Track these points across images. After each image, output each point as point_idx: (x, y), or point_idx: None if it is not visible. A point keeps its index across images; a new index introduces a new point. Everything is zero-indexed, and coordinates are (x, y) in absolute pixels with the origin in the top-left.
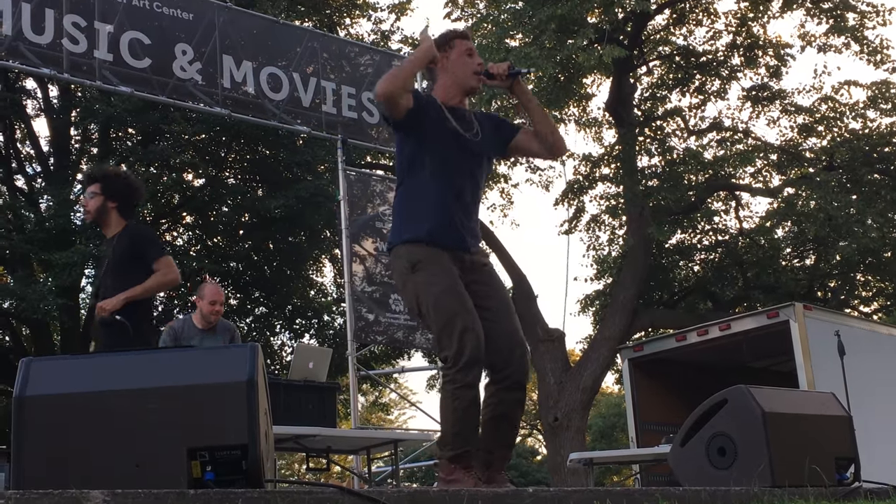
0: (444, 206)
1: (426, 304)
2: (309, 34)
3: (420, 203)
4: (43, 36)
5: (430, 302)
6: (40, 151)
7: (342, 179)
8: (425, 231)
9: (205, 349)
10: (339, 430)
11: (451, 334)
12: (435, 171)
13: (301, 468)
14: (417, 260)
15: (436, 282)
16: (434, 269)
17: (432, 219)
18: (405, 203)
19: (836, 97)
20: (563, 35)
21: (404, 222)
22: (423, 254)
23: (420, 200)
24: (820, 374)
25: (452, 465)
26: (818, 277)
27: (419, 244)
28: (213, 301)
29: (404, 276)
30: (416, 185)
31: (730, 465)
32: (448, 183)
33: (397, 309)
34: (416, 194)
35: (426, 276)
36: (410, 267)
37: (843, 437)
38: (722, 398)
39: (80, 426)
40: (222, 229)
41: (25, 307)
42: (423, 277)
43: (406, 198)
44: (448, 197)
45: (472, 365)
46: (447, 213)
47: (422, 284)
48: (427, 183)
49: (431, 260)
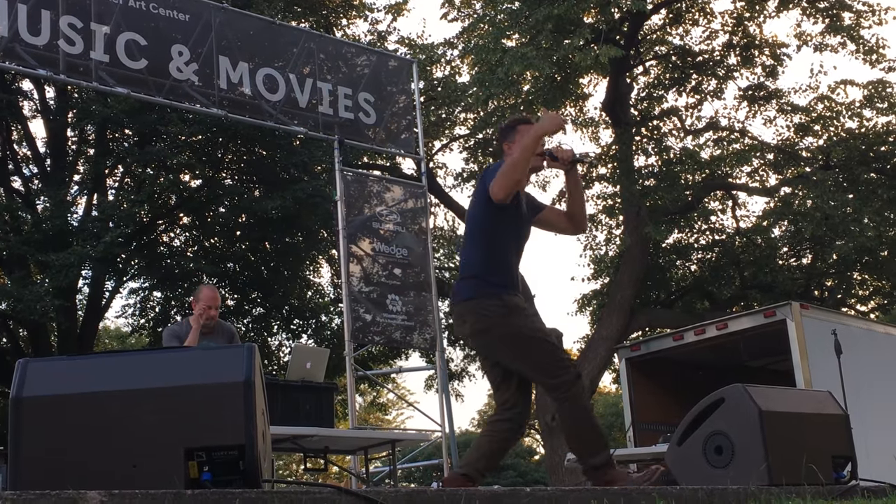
0: (512, 265)
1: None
2: (305, 35)
3: (504, 264)
4: (39, 37)
5: (538, 337)
6: (37, 153)
7: (339, 180)
8: (506, 284)
9: (202, 349)
10: (337, 430)
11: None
12: (508, 240)
13: (299, 468)
14: (514, 306)
15: (533, 322)
16: (526, 313)
17: (507, 275)
18: (492, 264)
19: (832, 96)
20: (560, 35)
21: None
22: (513, 301)
23: (503, 262)
24: (817, 372)
25: (605, 469)
26: (815, 276)
27: (507, 295)
28: (209, 305)
29: (496, 318)
30: (495, 249)
31: (727, 463)
32: (515, 248)
33: (394, 309)
34: (500, 258)
35: (523, 319)
36: (508, 311)
37: (840, 436)
38: (719, 397)
39: (77, 427)
40: (219, 230)
41: (22, 308)
42: (521, 320)
43: (486, 257)
44: (514, 259)
45: (585, 388)
46: (513, 271)
47: (526, 325)
48: (504, 248)
49: (520, 306)
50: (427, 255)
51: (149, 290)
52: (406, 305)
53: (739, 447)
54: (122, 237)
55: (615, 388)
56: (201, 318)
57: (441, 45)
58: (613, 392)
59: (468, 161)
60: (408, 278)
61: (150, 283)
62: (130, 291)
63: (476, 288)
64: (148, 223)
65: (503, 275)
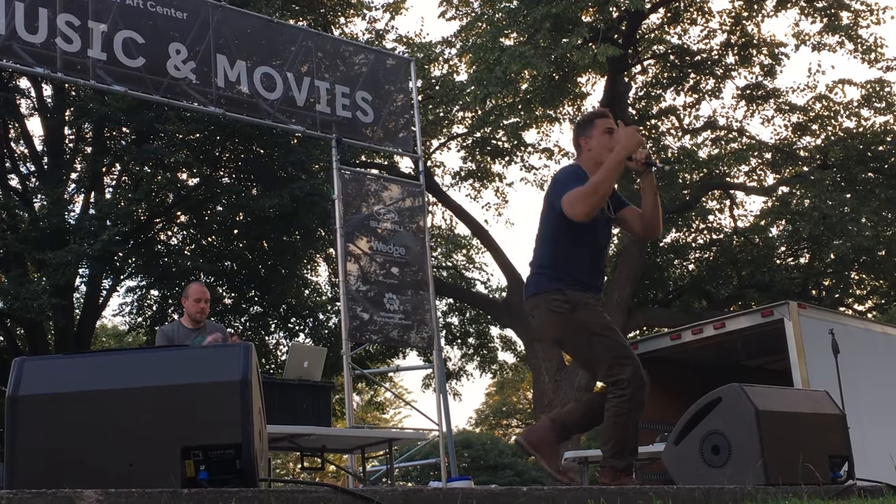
0: (583, 262)
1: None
2: (303, 33)
3: (574, 262)
4: (37, 35)
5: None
6: (34, 151)
7: (336, 179)
8: (573, 279)
9: (199, 348)
10: (334, 429)
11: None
12: (580, 239)
13: (296, 467)
14: (578, 301)
15: (596, 317)
16: (591, 308)
17: (575, 270)
18: (560, 261)
19: (830, 96)
20: (558, 34)
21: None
22: (576, 296)
23: (574, 260)
24: (814, 372)
25: (622, 473)
26: (812, 276)
27: (571, 290)
28: (198, 299)
29: (560, 313)
30: (570, 248)
31: (724, 463)
32: (592, 248)
33: (392, 308)
34: (570, 255)
35: (586, 313)
36: (571, 306)
37: (837, 436)
38: (716, 396)
39: (74, 426)
40: (217, 228)
41: (19, 306)
42: (583, 315)
43: (553, 254)
44: (588, 256)
45: (643, 387)
46: (584, 267)
47: (587, 321)
48: (575, 245)
49: (585, 301)
50: (425, 254)
51: (146, 289)
52: (403, 304)
53: (736, 446)
54: (119, 235)
55: None
56: (196, 313)
57: (439, 44)
58: None
59: (466, 160)
60: (405, 277)
61: (148, 281)
62: (128, 290)
63: (541, 283)
64: (145, 221)
65: (570, 270)
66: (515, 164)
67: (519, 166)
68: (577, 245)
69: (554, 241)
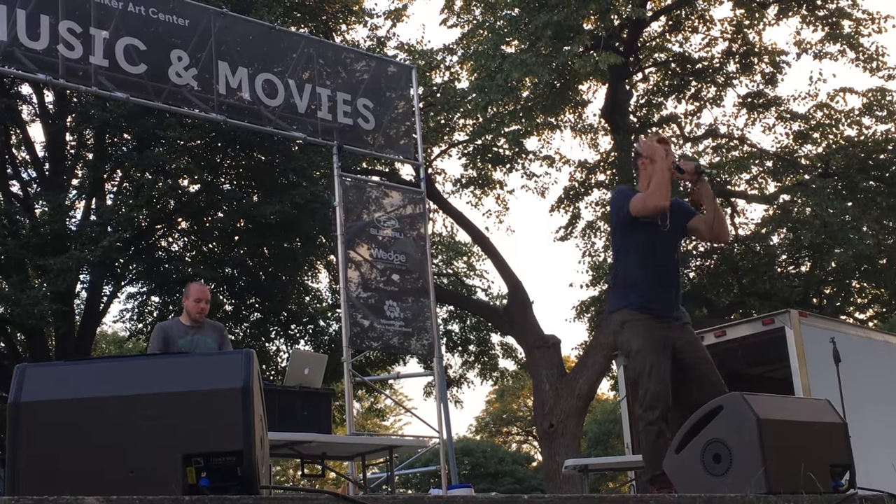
0: (648, 279)
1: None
2: (305, 40)
3: (633, 278)
4: (38, 42)
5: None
6: (35, 157)
7: (337, 185)
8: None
9: (200, 354)
10: (335, 436)
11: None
12: (646, 255)
13: (296, 474)
14: (631, 319)
15: (643, 337)
16: (642, 326)
17: (639, 289)
18: (620, 277)
19: (831, 104)
20: (559, 42)
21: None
22: (632, 315)
23: (633, 276)
24: (815, 380)
25: (651, 485)
26: (814, 284)
27: (629, 309)
28: (199, 299)
29: (618, 330)
30: (631, 265)
31: (725, 471)
32: (652, 263)
33: (392, 315)
34: (629, 272)
35: (633, 332)
36: (626, 324)
37: (839, 444)
38: (717, 405)
39: (75, 432)
40: (217, 235)
41: (20, 312)
42: (631, 333)
43: (621, 273)
44: (654, 273)
45: (653, 406)
46: (649, 284)
47: (631, 338)
48: (640, 263)
49: (636, 318)
50: (425, 262)
51: (147, 295)
52: (404, 311)
53: (737, 455)
54: (120, 242)
55: (613, 395)
56: (196, 313)
57: (440, 51)
58: (611, 399)
59: (467, 167)
60: (406, 284)
61: (148, 287)
62: (128, 296)
63: (612, 301)
64: (146, 228)
65: (634, 290)
66: (516, 171)
67: (520, 174)
68: (641, 262)
69: (621, 259)
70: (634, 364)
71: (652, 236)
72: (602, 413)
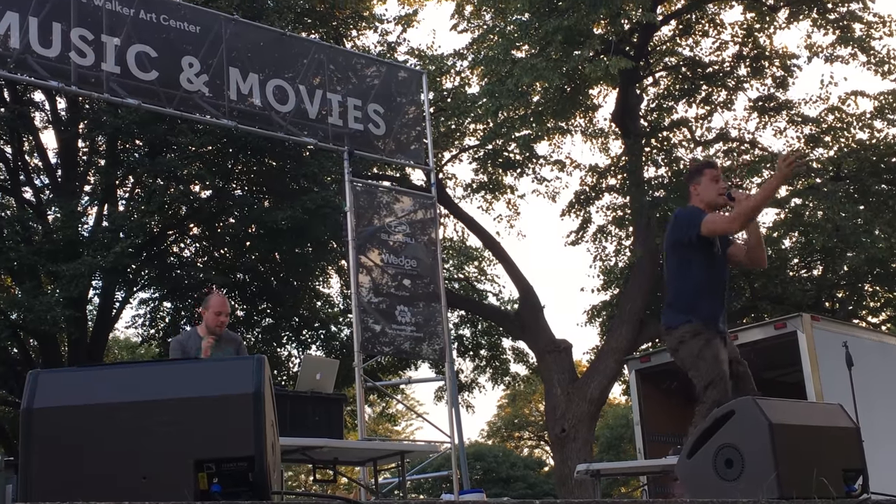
0: (702, 296)
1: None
2: (315, 46)
3: (688, 294)
4: (51, 49)
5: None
6: (48, 163)
7: (348, 191)
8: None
9: (211, 360)
10: (346, 441)
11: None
12: (701, 275)
13: (308, 479)
14: (692, 331)
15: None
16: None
17: (694, 304)
18: (676, 294)
19: (842, 107)
20: (570, 46)
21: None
22: (692, 328)
23: (688, 292)
24: (828, 385)
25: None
26: (826, 288)
27: (687, 323)
28: (219, 312)
29: (679, 343)
30: (686, 283)
31: (737, 476)
32: (712, 281)
33: (403, 320)
34: (685, 289)
35: (695, 344)
36: (687, 337)
37: (851, 449)
38: (729, 409)
39: (88, 438)
40: (229, 241)
41: (33, 319)
42: (694, 345)
43: (677, 290)
44: (707, 290)
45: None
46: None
47: (693, 348)
48: (695, 281)
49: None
50: (436, 266)
51: (159, 301)
52: (415, 316)
53: (749, 460)
54: (132, 248)
55: (625, 399)
56: (215, 327)
57: (451, 57)
58: (623, 404)
59: (478, 172)
60: (417, 289)
61: (160, 293)
62: (140, 302)
63: (667, 316)
64: (158, 234)
65: (698, 304)
66: (527, 175)
67: (531, 178)
68: (696, 280)
69: (677, 278)
70: (702, 373)
71: (712, 256)
72: (614, 418)
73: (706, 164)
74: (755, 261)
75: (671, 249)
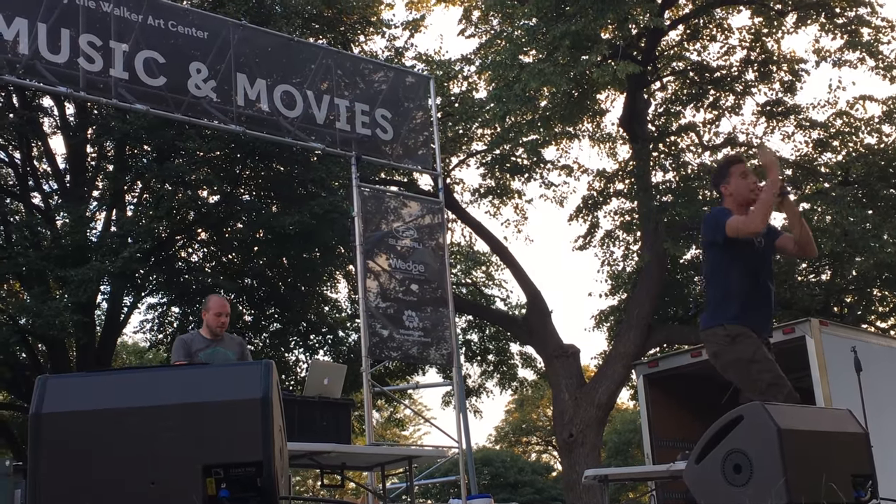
0: (744, 297)
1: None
2: (323, 51)
3: (730, 296)
4: (59, 55)
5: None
6: (57, 169)
7: (356, 196)
8: (735, 314)
9: (219, 366)
10: (354, 446)
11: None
12: (741, 275)
13: (316, 484)
14: (736, 334)
15: (754, 350)
16: (749, 341)
17: (736, 306)
18: (716, 295)
19: (851, 112)
20: (577, 51)
21: (717, 308)
22: (736, 330)
23: (730, 294)
24: (836, 390)
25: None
26: (834, 293)
27: (731, 324)
28: (219, 312)
29: (722, 346)
30: (727, 284)
31: (746, 482)
32: (752, 281)
33: (411, 325)
34: (726, 290)
35: (743, 346)
36: (731, 339)
37: (860, 454)
38: (738, 415)
39: (96, 443)
40: (237, 246)
41: (41, 324)
42: (742, 347)
43: (717, 292)
44: (750, 290)
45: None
46: (745, 302)
47: (742, 351)
48: (736, 282)
49: (743, 333)
50: (444, 271)
51: (167, 306)
52: (423, 321)
53: (758, 465)
54: (140, 253)
55: (633, 404)
56: (216, 327)
57: (458, 62)
58: (631, 408)
59: (485, 177)
60: (424, 294)
61: (168, 298)
62: (148, 307)
63: (708, 319)
64: (166, 239)
65: (732, 306)
66: (535, 180)
67: (538, 183)
68: (736, 281)
69: (716, 280)
70: (751, 377)
71: (751, 255)
72: (622, 423)
73: (730, 160)
74: (804, 250)
75: (705, 250)
